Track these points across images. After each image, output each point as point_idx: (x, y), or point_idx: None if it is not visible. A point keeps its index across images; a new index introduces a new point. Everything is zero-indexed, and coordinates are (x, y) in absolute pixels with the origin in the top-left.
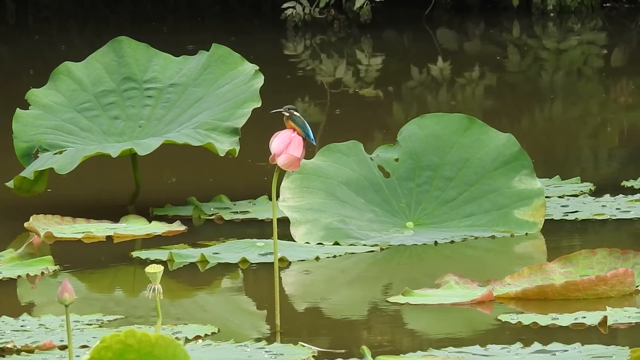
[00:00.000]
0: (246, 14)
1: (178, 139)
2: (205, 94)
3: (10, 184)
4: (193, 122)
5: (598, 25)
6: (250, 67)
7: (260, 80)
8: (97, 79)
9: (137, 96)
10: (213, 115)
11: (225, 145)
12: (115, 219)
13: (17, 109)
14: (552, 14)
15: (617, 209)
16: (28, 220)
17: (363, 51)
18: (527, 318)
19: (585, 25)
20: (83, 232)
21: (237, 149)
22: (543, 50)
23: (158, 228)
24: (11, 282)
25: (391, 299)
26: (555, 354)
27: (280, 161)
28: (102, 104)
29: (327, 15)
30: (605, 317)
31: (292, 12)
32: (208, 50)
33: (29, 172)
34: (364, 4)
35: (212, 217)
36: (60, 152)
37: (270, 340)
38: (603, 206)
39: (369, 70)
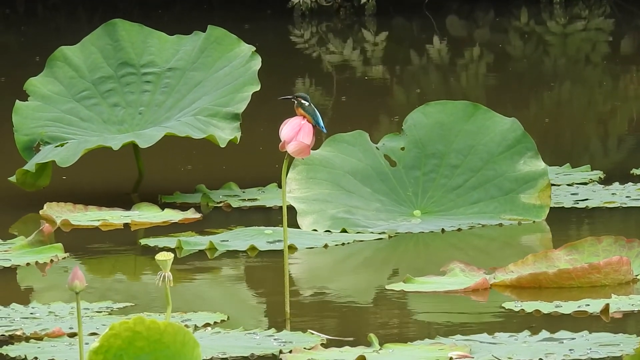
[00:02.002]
0: (253, 3)
1: (179, 132)
2: (204, 78)
3: (13, 178)
4: (193, 107)
5: (607, 12)
6: (247, 48)
7: (257, 62)
8: (94, 64)
9: (135, 82)
10: (213, 100)
11: (226, 132)
12: (121, 207)
13: (17, 101)
14: (557, 3)
15: (627, 197)
16: (35, 208)
17: (368, 39)
18: (531, 306)
19: (593, 12)
20: (99, 220)
21: (239, 135)
22: (550, 37)
23: (173, 215)
24: (21, 270)
25: (389, 286)
26: (562, 342)
27: (290, 148)
28: (101, 91)
29: (333, 3)
30: (607, 304)
31: (299, 1)
32: (203, 32)
33: (30, 165)
34: None
35: (220, 205)
36: (62, 145)
37: (279, 327)
38: (613, 194)
39: (374, 56)
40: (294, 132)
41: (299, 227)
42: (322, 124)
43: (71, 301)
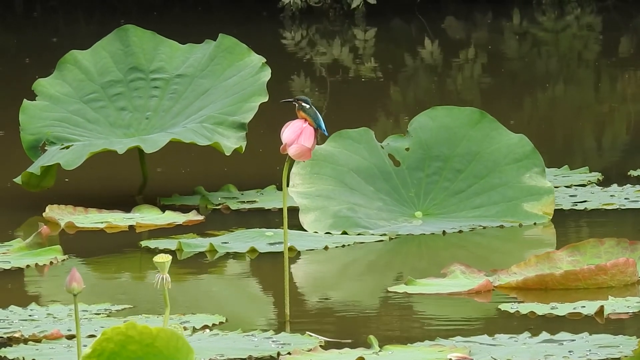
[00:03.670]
0: (249, 5)
1: (185, 138)
2: (212, 86)
3: (18, 179)
4: (200, 115)
5: (603, 13)
6: (257, 59)
7: (267, 74)
8: (104, 68)
9: (144, 87)
10: (219, 108)
11: (231, 141)
12: (122, 209)
13: (25, 100)
14: (548, 4)
15: (625, 198)
16: (34, 210)
17: (358, 39)
18: (526, 307)
19: (587, 13)
20: (103, 222)
21: (244, 145)
22: (546, 39)
23: (177, 217)
24: (20, 272)
25: (391, 288)
26: (562, 344)
27: (291, 151)
28: (109, 94)
29: (323, 4)
30: (602, 306)
31: (290, 1)
32: (214, 40)
33: (35, 167)
34: (360, 5)
35: (219, 207)
36: (67, 147)
37: (277, 329)
38: (611, 196)
39: (365, 56)
40: (295, 135)
41: (300, 229)
42: (323, 126)
43: (70, 303)
